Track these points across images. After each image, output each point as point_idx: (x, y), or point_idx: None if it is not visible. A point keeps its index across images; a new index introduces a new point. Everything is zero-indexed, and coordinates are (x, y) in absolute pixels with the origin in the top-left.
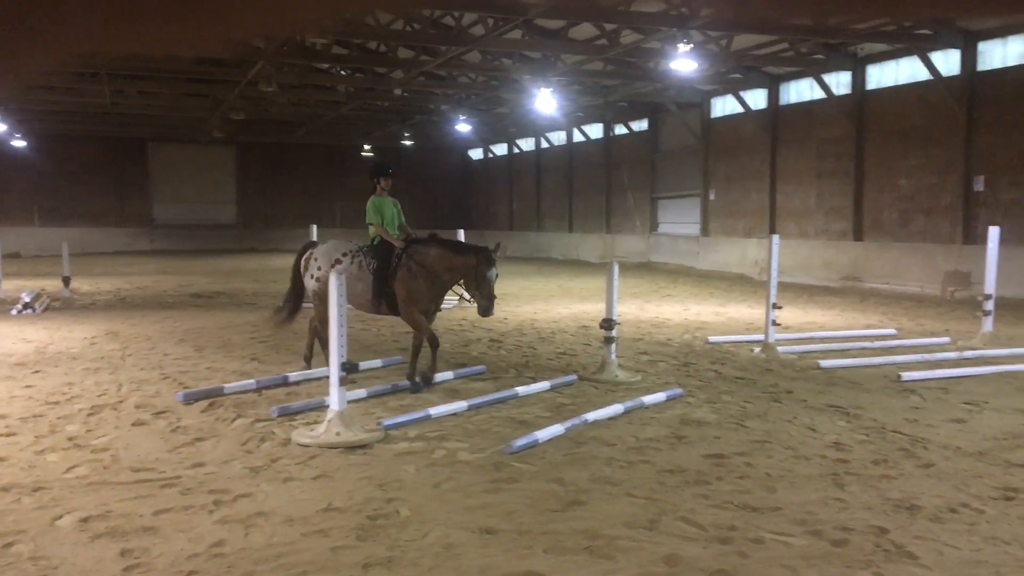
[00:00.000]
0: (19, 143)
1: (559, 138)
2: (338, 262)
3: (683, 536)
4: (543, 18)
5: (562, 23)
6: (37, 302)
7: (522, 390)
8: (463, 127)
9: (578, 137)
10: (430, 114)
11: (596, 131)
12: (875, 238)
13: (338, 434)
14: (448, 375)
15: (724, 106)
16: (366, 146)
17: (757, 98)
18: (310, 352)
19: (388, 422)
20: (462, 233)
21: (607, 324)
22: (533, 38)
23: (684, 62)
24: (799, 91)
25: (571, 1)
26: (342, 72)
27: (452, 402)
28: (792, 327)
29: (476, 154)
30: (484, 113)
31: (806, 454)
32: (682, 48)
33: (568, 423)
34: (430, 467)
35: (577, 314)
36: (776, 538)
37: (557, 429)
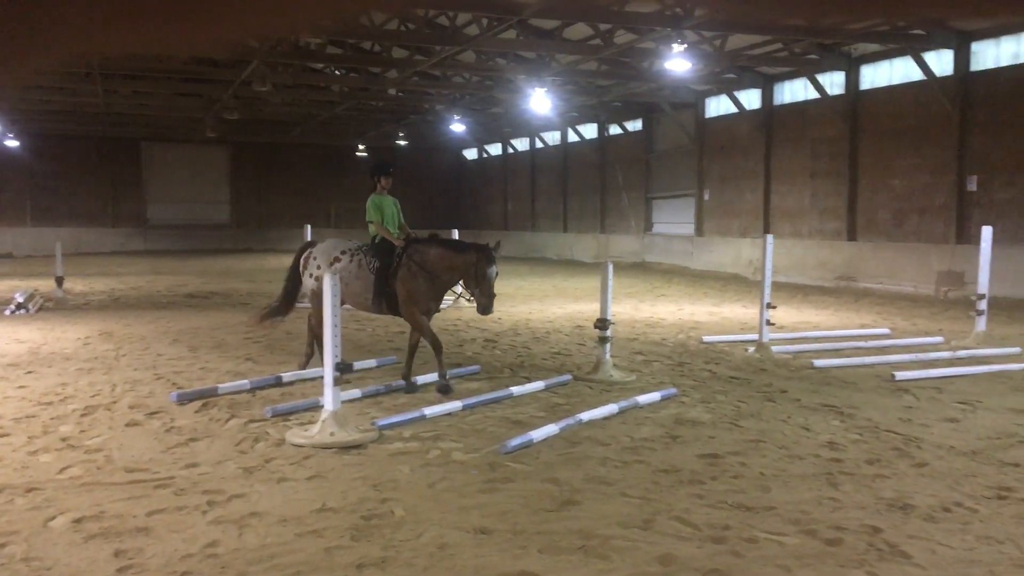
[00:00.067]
0: (12, 143)
1: (554, 138)
2: (337, 260)
3: (677, 536)
4: (537, 18)
5: (556, 23)
6: (30, 302)
7: (517, 390)
8: (457, 127)
9: (573, 137)
10: (424, 114)
11: (591, 131)
12: (869, 238)
13: (332, 434)
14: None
15: (718, 106)
16: (360, 146)
17: (751, 98)
18: (311, 351)
19: (382, 422)
20: (456, 233)
21: (602, 324)
22: (527, 38)
23: (678, 62)
24: (793, 91)
25: (565, 1)
26: (336, 72)
27: (447, 402)
28: (786, 327)
29: (471, 154)
30: (479, 113)
31: (800, 453)
32: (676, 48)
33: (563, 423)
34: (425, 467)
35: (572, 314)
36: (770, 537)
37: (552, 429)
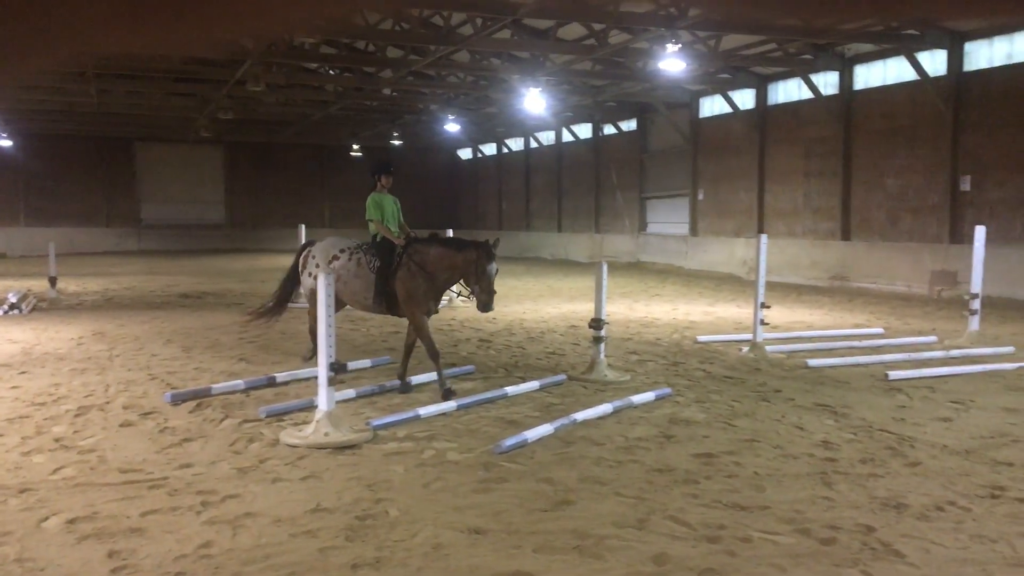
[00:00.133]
0: (5, 142)
1: (548, 138)
2: (335, 258)
3: (672, 535)
4: (532, 18)
5: (551, 23)
6: (24, 303)
7: (511, 390)
8: (452, 127)
9: (567, 137)
10: (419, 114)
11: (585, 131)
12: (863, 237)
13: (327, 434)
14: (434, 375)
15: (712, 106)
16: (355, 146)
17: (745, 98)
18: (316, 347)
19: (377, 422)
20: (451, 233)
21: (596, 324)
22: (522, 38)
23: (672, 62)
24: (787, 91)
25: (560, 1)
26: (330, 72)
27: (441, 402)
28: (780, 326)
29: (465, 154)
30: (473, 113)
31: (794, 453)
32: (670, 48)
33: (557, 423)
34: (419, 467)
35: (566, 314)
36: (764, 537)
37: (546, 429)
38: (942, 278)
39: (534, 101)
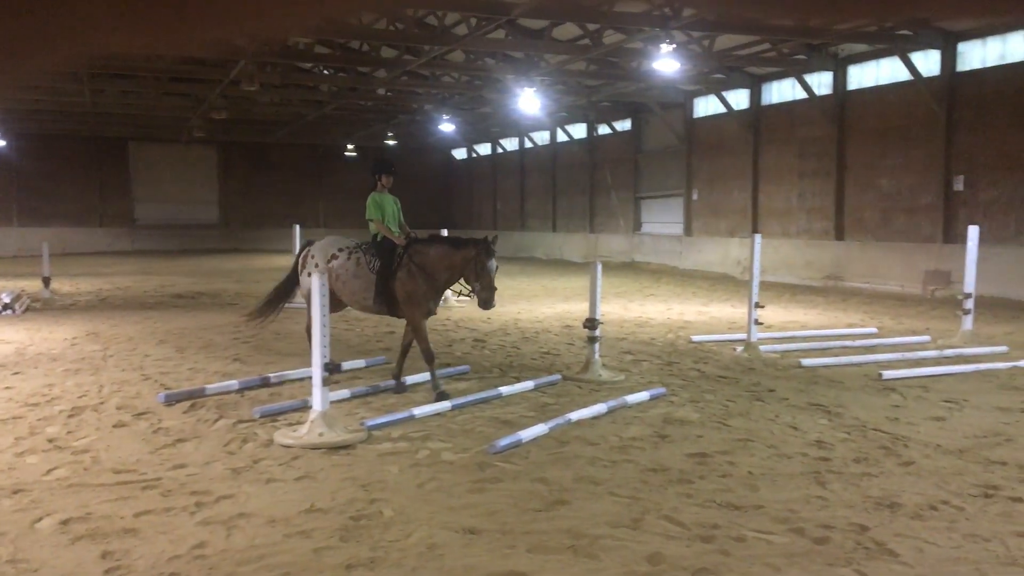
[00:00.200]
0: None
1: (543, 138)
2: (334, 258)
3: (666, 535)
4: (526, 18)
5: (545, 23)
6: (17, 303)
7: (506, 390)
8: (446, 127)
9: (561, 137)
10: (413, 114)
11: (579, 131)
12: (856, 237)
13: (321, 435)
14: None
15: (707, 106)
16: (349, 146)
17: (739, 98)
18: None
19: (371, 422)
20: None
21: (591, 323)
22: (516, 38)
23: (667, 62)
24: (781, 91)
25: (554, 1)
26: (325, 71)
27: (436, 402)
28: (774, 326)
29: (460, 154)
30: (467, 113)
31: (788, 452)
32: (665, 48)
33: (552, 423)
34: (413, 467)
35: (561, 313)
36: (758, 536)
37: (541, 429)
38: (935, 278)
39: (529, 101)
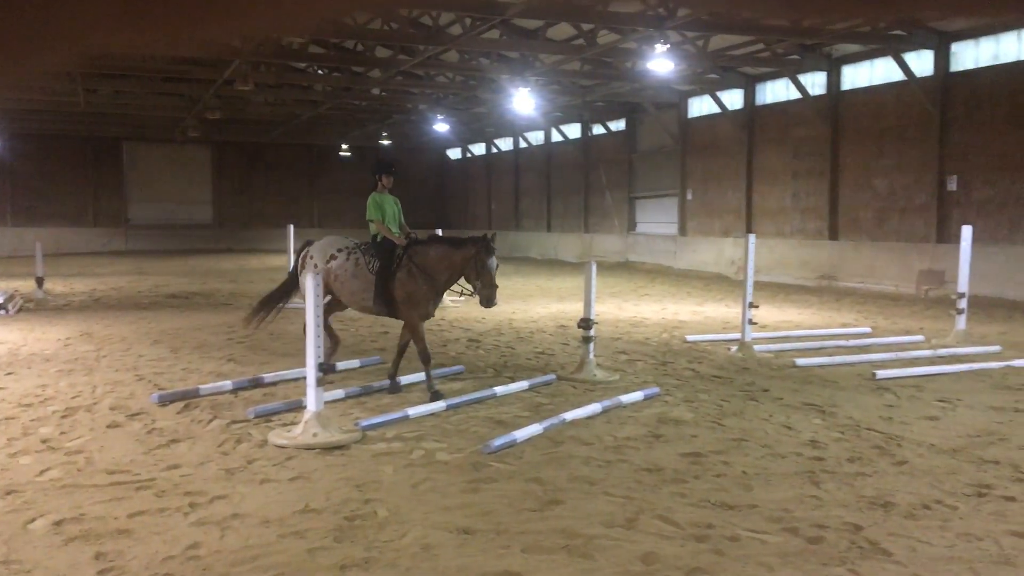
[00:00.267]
0: None
1: (537, 138)
2: (333, 258)
3: (660, 535)
4: (520, 18)
5: (540, 23)
6: (10, 303)
7: (500, 390)
8: (441, 127)
9: (556, 137)
10: (408, 114)
11: (574, 131)
12: (850, 237)
13: (315, 435)
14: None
15: (701, 106)
16: (344, 146)
17: (734, 98)
18: (331, 343)
19: (366, 423)
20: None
21: (585, 323)
22: (511, 38)
23: (661, 62)
24: (775, 91)
25: (548, 1)
26: (319, 71)
27: (430, 402)
28: (768, 326)
29: (454, 154)
30: (462, 113)
31: (782, 452)
32: (659, 48)
33: (546, 422)
34: (408, 467)
35: (555, 313)
36: (752, 536)
37: (535, 429)
38: (929, 277)
39: (523, 101)
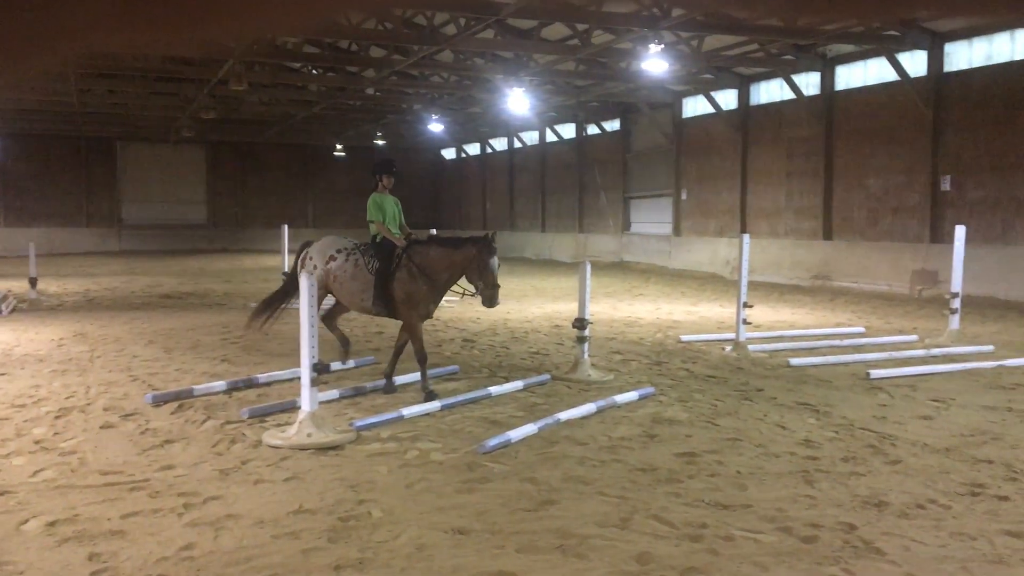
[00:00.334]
0: None
1: (532, 138)
2: (332, 259)
3: (655, 534)
4: (515, 18)
5: (534, 23)
6: (3, 304)
7: (495, 390)
8: (436, 127)
9: (551, 137)
10: (402, 114)
11: (568, 131)
12: (844, 237)
13: (309, 435)
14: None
15: (695, 106)
16: (338, 146)
17: (728, 98)
18: (344, 344)
19: (360, 423)
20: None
21: (580, 323)
22: (505, 38)
23: (655, 62)
24: (769, 91)
25: (543, 1)
26: (314, 71)
27: (425, 402)
28: (763, 326)
29: (449, 154)
30: (457, 113)
31: (776, 452)
32: (653, 49)
33: (541, 423)
34: (402, 468)
35: (550, 314)
36: (746, 535)
37: (530, 429)
38: (923, 277)
39: (518, 101)
